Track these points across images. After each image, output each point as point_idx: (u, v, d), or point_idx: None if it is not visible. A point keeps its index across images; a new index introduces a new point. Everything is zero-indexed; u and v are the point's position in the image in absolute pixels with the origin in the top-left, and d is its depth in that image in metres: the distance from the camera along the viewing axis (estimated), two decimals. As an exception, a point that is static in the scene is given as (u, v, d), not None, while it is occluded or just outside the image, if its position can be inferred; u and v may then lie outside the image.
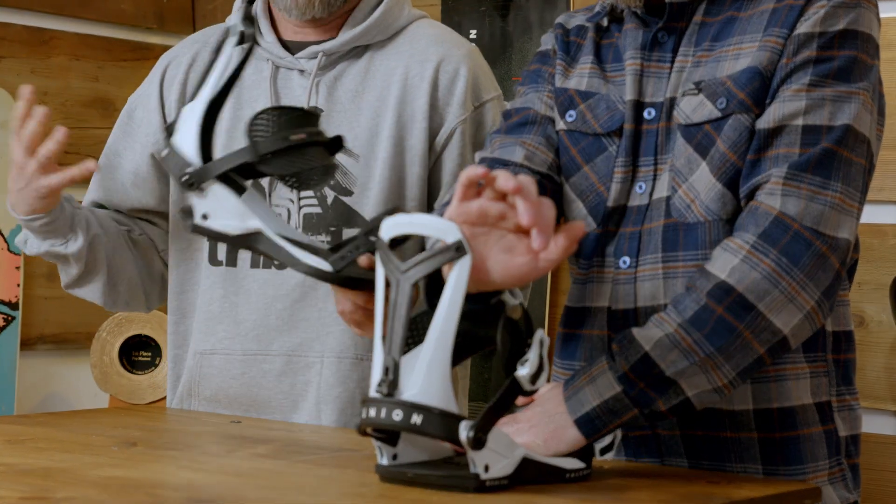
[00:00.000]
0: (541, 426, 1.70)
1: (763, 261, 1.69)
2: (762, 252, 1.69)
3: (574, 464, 1.68)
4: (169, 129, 1.89)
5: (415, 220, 1.61)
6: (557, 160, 1.94)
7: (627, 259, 1.85)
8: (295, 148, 1.82)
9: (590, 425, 1.69)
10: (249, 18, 2.27)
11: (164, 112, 2.31)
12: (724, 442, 1.84)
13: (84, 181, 2.21)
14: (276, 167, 1.82)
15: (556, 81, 1.95)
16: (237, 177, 1.86)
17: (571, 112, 1.92)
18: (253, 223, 1.83)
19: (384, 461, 1.64)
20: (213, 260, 2.24)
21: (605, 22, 1.95)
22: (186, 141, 1.87)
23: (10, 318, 3.52)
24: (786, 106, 1.75)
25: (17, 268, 3.54)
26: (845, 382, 1.89)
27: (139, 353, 3.66)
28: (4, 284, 3.52)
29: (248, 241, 1.82)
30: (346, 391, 2.20)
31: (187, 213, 1.86)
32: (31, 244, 2.23)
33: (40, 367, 3.66)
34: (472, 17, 3.43)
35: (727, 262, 1.70)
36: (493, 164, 1.92)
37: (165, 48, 3.88)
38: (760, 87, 1.78)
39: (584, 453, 1.71)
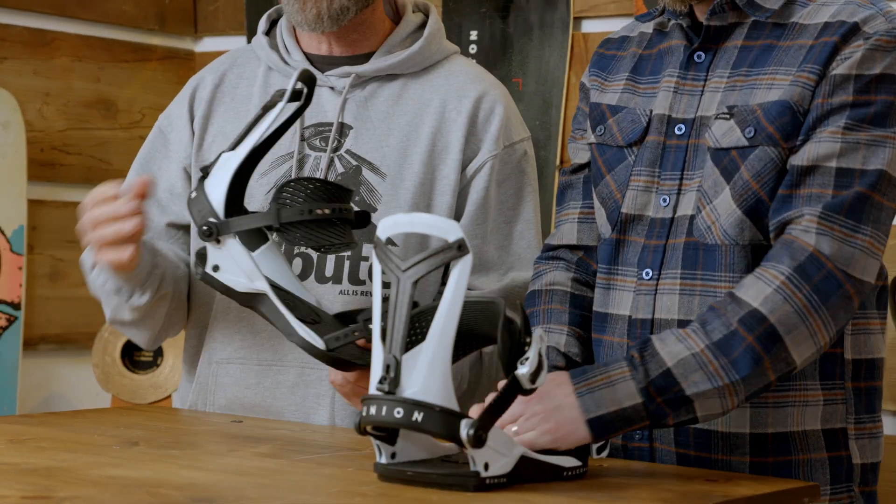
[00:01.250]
0: (549, 420, 1.71)
1: (796, 294, 1.73)
2: (796, 286, 1.73)
3: (571, 462, 1.69)
4: (204, 171, 1.95)
5: (415, 219, 1.62)
6: (591, 208, 2.04)
7: (650, 271, 1.89)
8: (317, 221, 1.87)
9: (601, 428, 1.71)
10: (274, 38, 2.29)
11: (193, 129, 2.31)
12: (716, 462, 1.87)
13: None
14: (295, 237, 1.88)
15: (592, 97, 2.04)
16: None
17: (601, 127, 2.00)
18: (259, 285, 1.91)
19: (383, 460, 1.64)
20: None
21: (650, 28, 2.00)
22: (216, 190, 1.93)
23: (12, 319, 3.53)
24: (821, 147, 1.78)
25: (20, 268, 3.55)
26: (867, 410, 1.91)
27: (141, 352, 3.66)
28: (7, 284, 3.53)
29: (252, 300, 1.92)
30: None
31: (201, 259, 1.93)
32: (98, 277, 2.19)
33: (42, 366, 3.67)
34: (472, 19, 3.44)
35: (760, 291, 1.73)
36: (548, 249, 2.09)
37: (167, 49, 3.89)
38: (790, 122, 1.81)
39: (580, 452, 1.72)
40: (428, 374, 1.57)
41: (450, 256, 1.57)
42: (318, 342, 1.89)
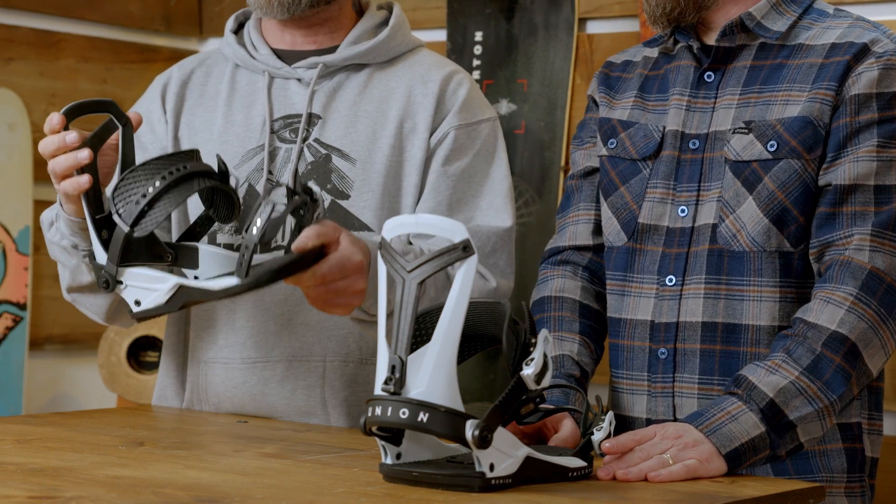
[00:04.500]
0: (696, 450, 1.76)
1: (867, 311, 1.85)
2: (865, 304, 1.85)
3: (576, 463, 1.70)
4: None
5: (420, 220, 1.63)
6: (598, 211, 2.12)
7: (674, 277, 1.98)
8: (159, 196, 1.89)
9: (735, 461, 1.78)
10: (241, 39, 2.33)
11: (166, 120, 2.32)
12: None
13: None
14: (153, 222, 1.89)
15: (602, 112, 2.13)
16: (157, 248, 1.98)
17: (613, 140, 2.09)
18: (170, 282, 1.91)
19: (388, 460, 1.65)
20: None
21: (655, 52, 2.10)
22: (96, 250, 1.96)
23: (18, 319, 3.53)
24: (859, 166, 1.91)
25: (26, 269, 3.55)
26: (876, 408, 2.01)
27: (147, 353, 3.67)
28: (13, 285, 3.53)
29: (178, 301, 1.91)
30: (353, 394, 2.20)
31: (130, 311, 1.95)
32: (55, 234, 2.16)
33: (48, 367, 3.68)
34: (477, 20, 3.44)
35: (834, 314, 1.84)
36: (554, 252, 2.16)
37: (172, 50, 3.90)
38: (812, 136, 1.93)
39: (584, 452, 1.72)
40: (433, 374, 1.57)
41: (455, 257, 1.58)
42: (234, 280, 1.86)
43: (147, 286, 1.92)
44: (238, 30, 2.39)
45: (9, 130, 3.51)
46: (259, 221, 1.83)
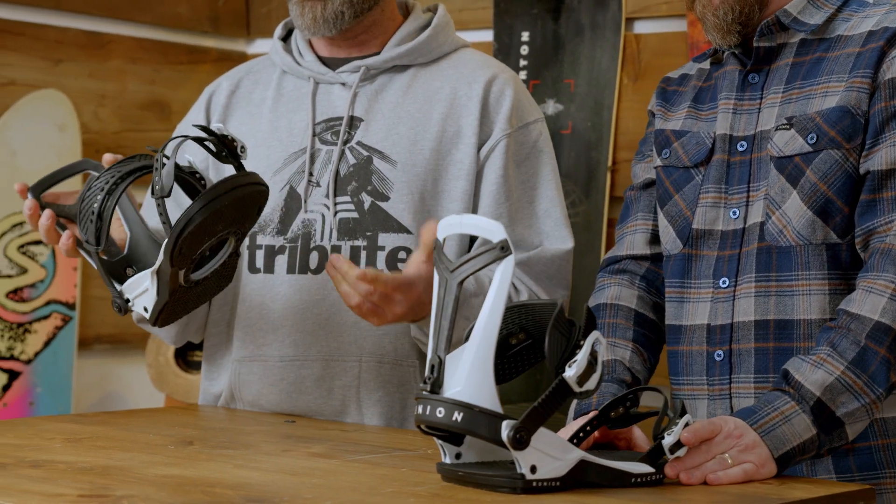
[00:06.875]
0: (753, 453, 1.75)
1: None
2: None
3: (642, 468, 1.67)
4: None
5: (465, 220, 1.64)
6: (656, 221, 2.13)
7: (727, 279, 1.98)
8: (102, 211, 1.96)
9: (785, 463, 1.78)
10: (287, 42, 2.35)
11: None
12: None
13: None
14: (106, 232, 1.97)
15: (657, 124, 2.14)
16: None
17: (666, 150, 2.10)
18: (148, 273, 1.97)
19: (447, 460, 1.65)
20: (252, 267, 2.27)
21: (707, 64, 2.12)
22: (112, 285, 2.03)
23: (67, 319, 3.56)
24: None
25: (75, 269, 3.58)
26: None
27: (194, 353, 3.69)
28: (62, 285, 3.56)
29: (163, 286, 1.95)
30: (387, 395, 2.22)
31: (145, 319, 2.02)
32: None
33: (97, 366, 3.70)
34: (523, 20, 3.44)
35: (876, 303, 1.82)
36: (612, 262, 2.16)
37: (220, 52, 3.92)
38: (850, 125, 1.92)
39: (652, 457, 1.70)
40: (469, 374, 1.57)
41: (494, 257, 1.58)
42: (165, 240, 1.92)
43: (142, 289, 1.99)
44: (286, 37, 2.41)
45: (59, 131, 3.54)
46: (156, 177, 1.92)
